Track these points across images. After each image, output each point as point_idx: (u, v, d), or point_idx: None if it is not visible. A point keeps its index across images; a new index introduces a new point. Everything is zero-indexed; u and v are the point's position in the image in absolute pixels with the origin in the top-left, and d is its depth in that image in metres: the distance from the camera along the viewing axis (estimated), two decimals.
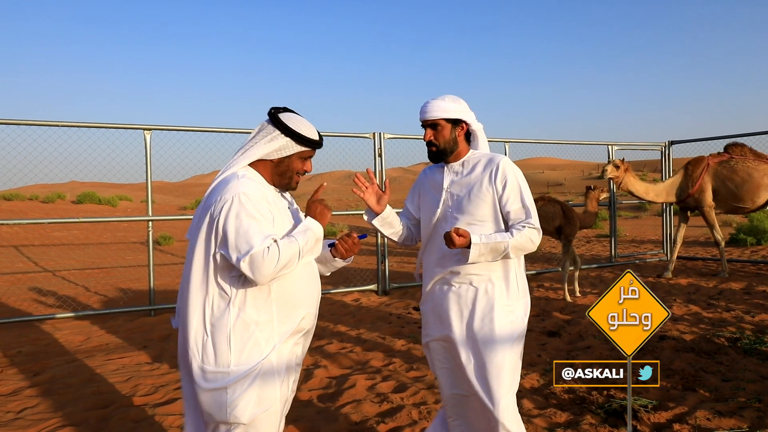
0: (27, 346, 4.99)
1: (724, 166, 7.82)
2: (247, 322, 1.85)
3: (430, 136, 2.26)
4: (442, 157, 2.29)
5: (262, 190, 1.90)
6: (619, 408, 3.20)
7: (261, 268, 1.75)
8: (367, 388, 3.74)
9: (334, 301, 6.83)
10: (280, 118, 1.94)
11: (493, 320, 2.16)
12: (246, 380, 1.83)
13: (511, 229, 2.19)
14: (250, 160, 1.95)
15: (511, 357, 2.18)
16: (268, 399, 1.87)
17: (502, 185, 2.19)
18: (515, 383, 2.19)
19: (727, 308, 5.86)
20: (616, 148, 9.48)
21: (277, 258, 1.76)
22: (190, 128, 6.57)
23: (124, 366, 4.36)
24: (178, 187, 49.67)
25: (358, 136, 7.44)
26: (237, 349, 1.83)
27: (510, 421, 2.11)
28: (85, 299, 7.32)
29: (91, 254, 12.36)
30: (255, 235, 1.77)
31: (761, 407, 3.21)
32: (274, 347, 1.88)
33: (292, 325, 1.93)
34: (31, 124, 5.84)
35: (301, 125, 1.96)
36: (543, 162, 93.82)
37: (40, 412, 3.43)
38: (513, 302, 2.22)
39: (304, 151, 1.99)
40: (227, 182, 1.86)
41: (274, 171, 1.98)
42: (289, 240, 1.83)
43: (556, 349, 4.60)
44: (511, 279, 2.24)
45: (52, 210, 20.11)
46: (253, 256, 1.74)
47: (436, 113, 2.24)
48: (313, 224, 1.93)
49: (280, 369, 1.91)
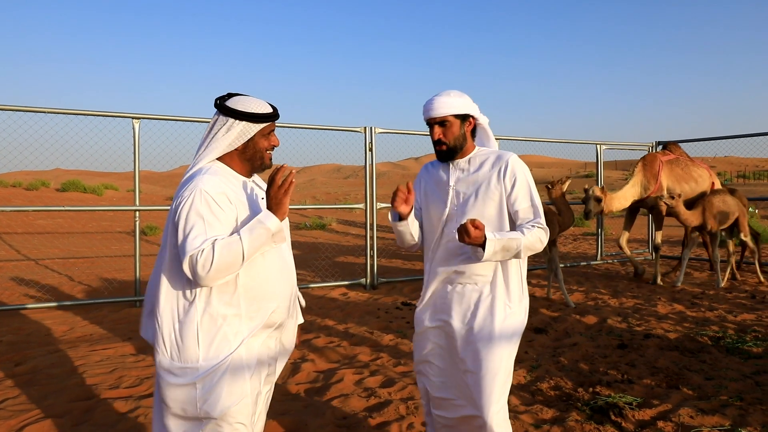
0: (8, 336, 4.91)
1: (676, 165, 7.72)
2: (214, 316, 1.83)
3: (439, 135, 2.17)
4: (452, 155, 2.20)
5: (225, 185, 1.85)
6: (605, 405, 3.23)
7: (196, 271, 1.72)
8: (355, 383, 3.74)
9: (322, 295, 6.81)
10: (228, 106, 1.90)
11: (494, 322, 2.11)
12: (215, 374, 1.82)
13: (521, 228, 2.12)
14: (216, 155, 1.92)
15: (508, 361, 2.14)
16: (237, 392, 1.85)
17: (511, 184, 2.14)
18: (508, 387, 2.15)
19: (711, 307, 5.94)
20: (604, 148, 9.55)
21: (210, 262, 1.71)
22: (180, 118, 6.49)
23: (108, 357, 4.30)
24: (165, 177, 49.20)
25: (349, 130, 7.41)
26: (205, 344, 1.81)
27: (499, 426, 2.08)
28: (68, 289, 7.22)
29: (75, 243, 12.21)
30: (196, 236, 1.73)
31: (743, 405, 3.26)
32: (243, 341, 1.86)
33: (262, 318, 1.90)
34: (15, 110, 5.72)
35: (251, 104, 1.91)
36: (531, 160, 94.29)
37: (22, 402, 3.38)
38: (515, 305, 2.17)
39: (264, 127, 1.94)
40: (191, 179, 1.84)
41: (242, 158, 1.95)
42: (230, 242, 1.75)
43: (542, 345, 4.64)
44: (514, 281, 2.18)
45: (36, 197, 19.81)
46: (191, 258, 1.72)
47: (444, 110, 2.15)
48: (266, 218, 1.82)
49: (250, 363, 1.89)
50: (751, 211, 19.42)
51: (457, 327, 2.15)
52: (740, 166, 66.40)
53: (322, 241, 13.86)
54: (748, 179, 52.90)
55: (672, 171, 7.60)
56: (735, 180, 52.70)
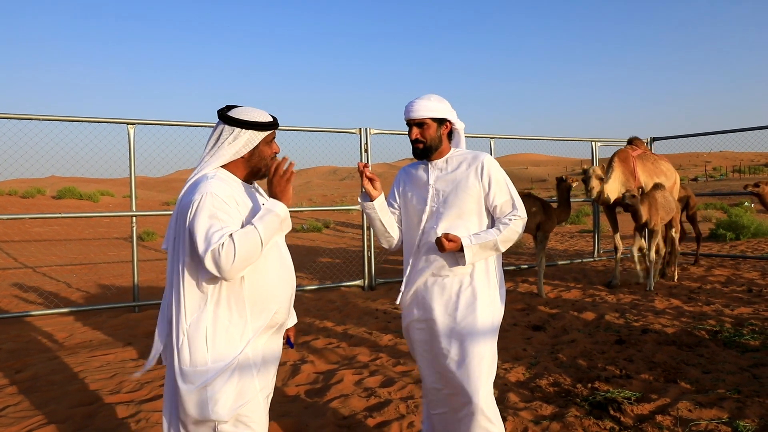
0: (8, 343, 4.90)
1: (646, 160, 7.46)
2: (221, 318, 1.89)
3: (417, 134, 2.34)
4: (428, 154, 2.36)
5: (231, 190, 1.93)
6: (603, 400, 3.25)
7: (221, 265, 1.77)
8: (355, 383, 3.75)
9: (320, 297, 6.82)
10: (234, 117, 1.98)
11: (476, 310, 2.24)
12: (224, 375, 1.87)
13: (498, 224, 2.31)
14: (221, 162, 1.99)
15: (492, 346, 2.27)
16: (247, 392, 1.91)
17: (488, 181, 2.31)
18: (494, 371, 2.27)
19: (708, 302, 5.97)
20: (599, 145, 9.58)
21: (233, 252, 1.77)
22: (175, 123, 6.50)
23: (108, 363, 4.31)
24: (161, 183, 49.12)
25: (345, 131, 7.42)
26: (213, 347, 1.87)
27: (489, 408, 2.19)
28: (67, 295, 7.21)
29: (72, 250, 12.18)
30: (214, 233, 1.79)
31: (740, 398, 3.28)
32: (249, 342, 1.92)
33: (265, 320, 1.96)
34: (9, 117, 5.72)
35: (254, 114, 2.00)
36: (527, 158, 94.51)
37: (23, 409, 3.38)
38: (494, 292, 2.32)
39: (268, 135, 2.04)
40: (197, 184, 1.90)
41: (247, 165, 2.03)
42: (246, 231, 1.83)
43: (541, 343, 4.66)
44: (492, 270, 2.34)
45: (32, 205, 19.76)
46: (213, 253, 1.77)
47: (422, 112, 2.31)
48: (275, 206, 1.92)
49: (256, 362, 1.95)
50: (747, 206, 19.50)
51: (440, 319, 2.27)
52: (735, 160, 66.62)
53: (320, 244, 13.87)
54: (743, 173, 53.11)
55: (645, 166, 7.38)
56: (731, 174, 52.90)
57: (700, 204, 22.49)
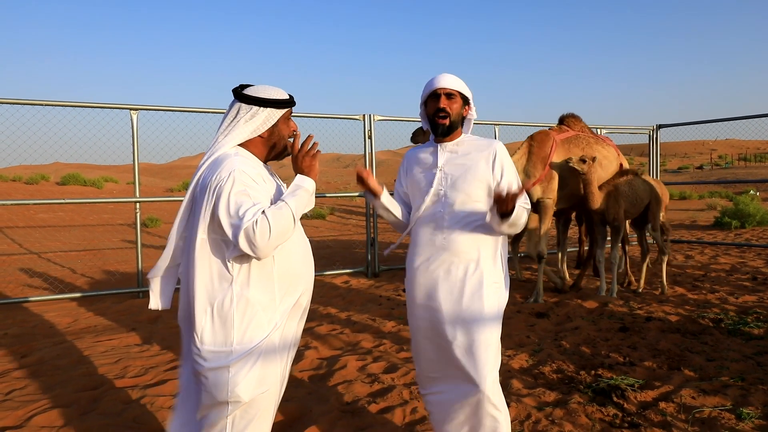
0: (13, 328, 4.94)
1: (575, 144, 5.97)
2: (251, 301, 1.85)
3: (445, 104, 2.24)
4: (449, 132, 2.28)
5: (256, 168, 1.91)
6: (607, 387, 3.25)
7: (255, 242, 1.74)
8: (358, 369, 3.76)
9: (324, 283, 6.84)
10: (251, 95, 1.95)
11: (482, 297, 2.19)
12: (249, 359, 1.83)
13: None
14: (239, 141, 1.94)
15: (497, 333, 2.24)
16: (268, 379, 1.88)
17: (501, 169, 2.26)
18: (499, 359, 2.24)
19: (712, 290, 5.95)
20: (603, 131, 9.50)
21: (268, 229, 1.75)
22: (178, 108, 6.46)
23: (113, 348, 4.33)
24: (165, 169, 49.13)
25: (348, 117, 7.38)
26: (240, 328, 1.83)
27: (495, 395, 2.16)
28: (71, 281, 7.25)
29: (77, 236, 12.22)
30: (246, 210, 1.76)
31: (744, 385, 3.28)
32: (276, 325, 1.89)
33: (292, 301, 1.95)
34: (14, 103, 5.70)
35: (271, 92, 1.98)
36: None
37: (28, 393, 3.40)
38: (499, 279, 2.28)
39: (285, 113, 2.02)
40: (221, 161, 1.85)
41: (266, 144, 2.01)
42: (278, 207, 1.81)
43: (544, 330, 4.66)
44: (498, 256, 2.29)
45: (36, 191, 19.79)
46: (246, 230, 1.74)
47: (455, 84, 2.25)
48: (303, 181, 1.92)
49: (282, 347, 1.93)
50: (752, 194, 19.36)
51: (445, 306, 2.22)
52: (741, 148, 66.14)
53: (323, 231, 13.88)
54: (749, 162, 52.75)
55: (570, 152, 5.82)
56: (736, 162, 52.55)
57: (705, 192, 22.37)
